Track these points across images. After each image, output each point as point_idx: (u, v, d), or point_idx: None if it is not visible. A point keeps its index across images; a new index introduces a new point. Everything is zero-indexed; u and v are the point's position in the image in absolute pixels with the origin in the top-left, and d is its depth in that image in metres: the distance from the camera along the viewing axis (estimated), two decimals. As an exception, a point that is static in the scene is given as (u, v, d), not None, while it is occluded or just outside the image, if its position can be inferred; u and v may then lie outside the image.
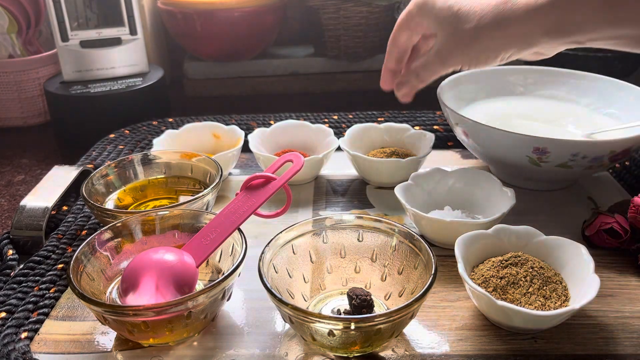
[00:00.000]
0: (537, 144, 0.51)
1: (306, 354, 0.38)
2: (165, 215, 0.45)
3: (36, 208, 0.52)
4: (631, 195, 0.57)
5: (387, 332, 0.35)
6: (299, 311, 0.35)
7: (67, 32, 0.75)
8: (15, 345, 0.39)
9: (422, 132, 0.62)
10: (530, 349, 0.38)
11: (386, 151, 0.61)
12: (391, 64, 0.55)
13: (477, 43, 0.46)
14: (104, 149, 0.68)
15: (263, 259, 0.39)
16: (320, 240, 0.44)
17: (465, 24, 0.46)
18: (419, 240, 0.40)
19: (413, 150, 0.63)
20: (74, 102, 0.74)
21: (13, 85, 0.81)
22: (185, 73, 0.97)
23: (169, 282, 0.38)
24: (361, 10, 0.88)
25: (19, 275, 0.46)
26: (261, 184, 0.43)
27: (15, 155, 0.75)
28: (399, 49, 0.54)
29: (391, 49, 0.54)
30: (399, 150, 0.61)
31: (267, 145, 0.64)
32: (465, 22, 0.46)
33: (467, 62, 0.48)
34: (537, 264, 0.41)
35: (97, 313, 0.37)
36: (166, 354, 0.39)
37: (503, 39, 0.45)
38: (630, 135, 0.51)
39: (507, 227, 0.44)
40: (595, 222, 0.49)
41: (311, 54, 0.98)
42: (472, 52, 0.47)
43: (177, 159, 0.57)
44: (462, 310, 0.42)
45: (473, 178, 0.54)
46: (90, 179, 0.52)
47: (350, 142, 0.62)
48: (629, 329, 0.40)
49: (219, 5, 0.86)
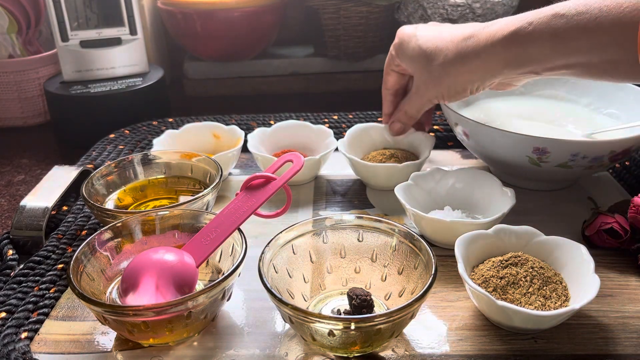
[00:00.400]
0: (537, 144, 0.51)
1: (306, 354, 0.38)
2: (165, 215, 0.45)
3: (36, 208, 0.52)
4: (631, 195, 0.57)
5: (387, 332, 0.35)
6: (299, 311, 0.35)
7: (67, 32, 0.75)
8: (15, 345, 0.39)
9: (424, 133, 0.62)
10: (530, 349, 0.38)
11: (385, 153, 0.60)
12: (388, 109, 0.60)
13: (446, 78, 0.50)
14: (104, 149, 0.68)
15: (263, 259, 0.39)
16: (320, 240, 0.44)
17: (434, 61, 0.50)
18: (419, 240, 0.40)
19: (413, 151, 0.62)
20: (74, 102, 0.74)
21: (13, 85, 0.81)
22: (185, 73, 0.97)
23: (169, 282, 0.38)
24: (361, 10, 0.88)
25: (19, 275, 0.46)
26: (261, 184, 0.43)
27: (15, 155, 0.75)
28: (391, 91, 0.59)
29: (384, 93, 0.60)
30: (399, 153, 0.60)
31: (266, 146, 0.64)
32: (433, 60, 0.50)
33: (441, 95, 0.52)
34: (537, 264, 0.41)
35: (97, 313, 0.37)
36: (166, 354, 0.39)
37: (468, 72, 0.48)
38: (630, 135, 0.51)
39: (507, 227, 0.44)
40: (595, 222, 0.49)
41: (311, 54, 0.98)
42: (443, 86, 0.51)
43: (177, 159, 0.57)
44: (462, 310, 0.42)
45: (473, 178, 0.54)
46: (90, 179, 0.52)
47: (349, 143, 0.61)
48: (629, 329, 0.40)
49: (219, 5, 0.86)
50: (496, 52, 0.45)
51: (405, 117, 0.58)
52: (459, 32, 0.49)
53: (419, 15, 0.88)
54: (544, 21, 0.42)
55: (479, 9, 0.85)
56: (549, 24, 0.42)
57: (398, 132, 0.60)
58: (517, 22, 0.44)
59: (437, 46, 0.50)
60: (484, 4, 0.85)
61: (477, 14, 0.86)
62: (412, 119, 0.58)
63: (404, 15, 0.91)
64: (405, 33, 0.54)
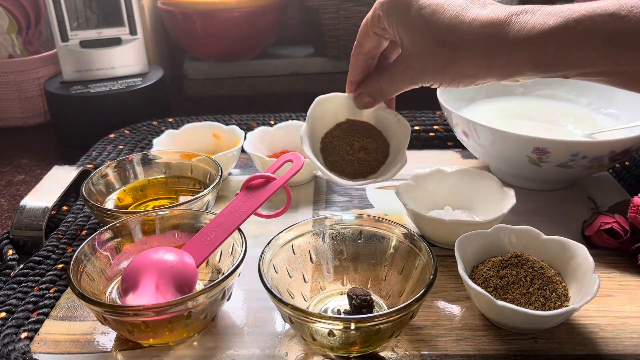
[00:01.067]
0: (537, 144, 0.51)
1: (306, 354, 0.38)
2: (165, 215, 0.45)
3: (36, 208, 0.52)
4: (631, 195, 0.57)
5: (387, 332, 0.35)
6: (299, 311, 0.35)
7: (67, 32, 0.75)
8: (15, 345, 0.38)
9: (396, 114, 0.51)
10: (530, 349, 0.38)
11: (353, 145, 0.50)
12: (355, 76, 0.49)
13: (454, 67, 0.40)
14: (104, 149, 0.68)
15: (263, 259, 0.39)
16: (320, 240, 0.44)
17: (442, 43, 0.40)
18: (419, 240, 0.40)
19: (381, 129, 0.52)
20: (74, 102, 0.74)
21: (13, 85, 0.81)
22: (185, 73, 0.97)
23: (169, 282, 0.38)
24: (361, 10, 0.88)
25: (19, 275, 0.46)
26: (261, 184, 0.43)
27: (15, 155, 0.75)
28: (365, 57, 0.48)
29: (356, 57, 0.48)
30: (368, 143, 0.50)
31: (266, 146, 0.64)
32: (442, 41, 0.40)
33: (437, 83, 0.43)
34: (537, 264, 0.41)
35: (97, 313, 0.37)
36: (166, 354, 0.39)
37: (483, 67, 0.40)
38: (630, 135, 0.51)
39: (507, 227, 0.44)
40: (595, 222, 0.49)
41: (311, 54, 0.98)
42: (447, 76, 0.41)
43: (177, 159, 0.57)
44: (462, 310, 0.42)
45: (473, 178, 0.54)
46: (90, 179, 0.52)
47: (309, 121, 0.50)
48: (629, 329, 0.40)
49: (219, 5, 0.86)
50: (527, 50, 0.37)
51: (379, 94, 0.48)
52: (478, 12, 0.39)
53: (419, 15, 0.88)
54: (598, 22, 0.35)
55: (479, 9, 0.85)
56: (605, 25, 0.34)
57: (366, 106, 0.49)
58: (560, 17, 0.36)
59: (449, 25, 0.40)
60: (484, 4, 0.85)
61: (477, 14, 0.86)
62: (385, 97, 0.48)
63: (404, 15, 0.91)
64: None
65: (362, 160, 0.49)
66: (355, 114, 0.52)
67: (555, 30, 0.36)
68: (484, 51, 0.39)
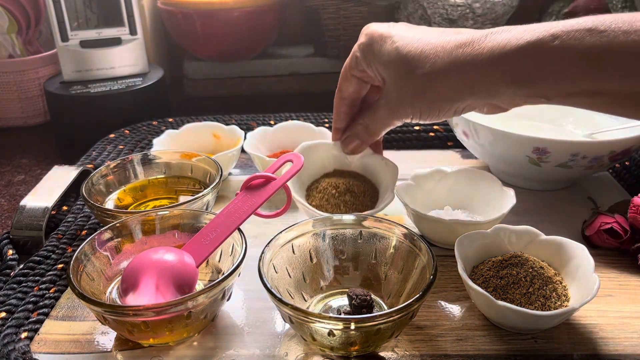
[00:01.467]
0: (537, 144, 0.51)
1: (306, 354, 0.38)
2: (165, 215, 0.45)
3: (36, 208, 0.52)
4: (631, 195, 0.57)
5: (387, 332, 0.35)
6: (299, 311, 0.35)
7: (67, 32, 0.75)
8: (15, 345, 0.38)
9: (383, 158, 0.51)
10: (530, 349, 0.38)
11: (339, 186, 0.49)
12: (340, 123, 0.49)
13: (430, 91, 0.40)
14: (104, 149, 0.68)
15: (263, 259, 0.39)
16: (320, 240, 0.43)
17: (417, 69, 0.40)
18: (419, 240, 0.40)
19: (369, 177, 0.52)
20: (74, 102, 0.74)
21: (13, 85, 0.81)
22: (185, 73, 0.97)
23: (169, 282, 0.38)
24: (361, 10, 0.88)
25: (19, 275, 0.46)
26: (261, 184, 0.43)
27: (15, 155, 0.75)
28: (347, 102, 0.48)
29: (338, 104, 0.49)
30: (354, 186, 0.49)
31: (266, 146, 0.64)
32: (416, 67, 0.40)
33: (417, 113, 0.42)
34: (537, 264, 0.41)
35: (97, 313, 0.37)
36: (166, 354, 0.39)
37: (460, 87, 0.39)
38: (630, 135, 0.51)
39: (507, 227, 0.44)
40: (595, 222, 0.49)
41: (311, 54, 0.98)
42: (424, 102, 0.41)
43: (177, 159, 0.57)
44: (462, 310, 0.42)
45: (473, 178, 0.53)
46: (90, 179, 0.52)
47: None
48: (629, 329, 0.40)
49: (219, 5, 0.86)
50: (503, 65, 0.36)
51: (365, 134, 0.48)
52: (452, 37, 0.39)
53: (419, 15, 0.89)
54: (577, 36, 0.34)
55: (479, 9, 0.85)
56: (582, 40, 0.34)
57: (354, 151, 0.50)
58: (536, 32, 0.35)
59: (422, 50, 0.40)
60: (484, 3, 0.85)
61: (477, 13, 0.86)
62: (373, 137, 0.48)
63: (403, 15, 0.91)
64: (377, 32, 0.43)
65: (349, 204, 0.49)
66: (342, 164, 0.52)
67: (530, 45, 0.35)
68: (459, 70, 0.38)
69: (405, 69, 0.41)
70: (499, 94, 0.38)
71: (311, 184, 0.51)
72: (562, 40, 0.34)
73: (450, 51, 0.38)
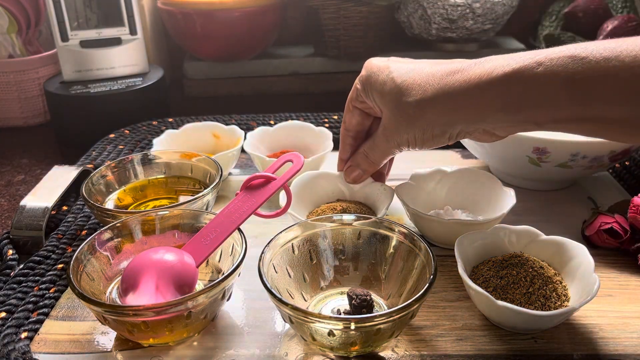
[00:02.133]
0: (537, 144, 0.51)
1: (306, 354, 0.38)
2: (165, 215, 0.45)
3: (36, 208, 0.52)
4: (631, 195, 0.57)
5: (387, 332, 0.35)
6: (299, 311, 0.35)
7: (67, 32, 0.75)
8: (15, 345, 0.39)
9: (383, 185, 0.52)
10: (530, 349, 0.38)
11: (336, 208, 0.51)
12: (345, 154, 0.51)
13: (422, 118, 0.42)
14: (104, 149, 0.68)
15: (263, 259, 0.39)
16: (320, 240, 0.44)
17: (409, 97, 0.42)
18: (419, 240, 0.40)
19: (370, 205, 0.53)
20: (74, 102, 0.74)
21: (13, 85, 0.81)
22: (185, 73, 0.97)
23: (169, 282, 0.38)
24: (361, 10, 0.88)
25: (19, 275, 0.46)
26: (261, 184, 0.43)
27: (15, 155, 0.75)
28: (351, 134, 0.50)
29: (343, 135, 0.51)
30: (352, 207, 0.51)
31: (266, 146, 0.64)
32: (409, 95, 0.42)
33: (412, 140, 0.44)
34: (537, 264, 0.41)
35: (97, 313, 0.37)
36: (166, 354, 0.39)
37: (451, 112, 0.40)
38: (630, 135, 0.51)
39: (507, 227, 0.45)
40: (595, 222, 0.49)
41: (311, 54, 0.98)
42: (417, 129, 0.43)
43: (177, 159, 0.57)
44: (462, 310, 0.42)
45: (473, 178, 0.54)
46: (90, 178, 0.52)
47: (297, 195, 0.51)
48: (629, 329, 0.40)
49: (219, 5, 0.86)
50: (492, 90, 0.38)
51: (366, 163, 0.49)
52: (443, 67, 0.41)
53: (419, 15, 0.89)
54: (559, 63, 0.35)
55: (479, 9, 0.85)
56: (566, 66, 0.35)
57: (355, 180, 0.51)
58: (520, 60, 0.37)
59: (414, 80, 0.42)
60: (484, 4, 0.85)
61: (477, 13, 0.86)
62: (373, 166, 0.50)
63: (404, 15, 0.91)
64: (375, 65, 0.46)
65: None
66: (345, 195, 0.54)
67: (516, 72, 0.36)
68: (447, 96, 0.40)
69: (399, 98, 0.43)
70: (489, 118, 0.39)
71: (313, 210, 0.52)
72: (546, 67, 0.35)
73: (440, 78, 0.41)
